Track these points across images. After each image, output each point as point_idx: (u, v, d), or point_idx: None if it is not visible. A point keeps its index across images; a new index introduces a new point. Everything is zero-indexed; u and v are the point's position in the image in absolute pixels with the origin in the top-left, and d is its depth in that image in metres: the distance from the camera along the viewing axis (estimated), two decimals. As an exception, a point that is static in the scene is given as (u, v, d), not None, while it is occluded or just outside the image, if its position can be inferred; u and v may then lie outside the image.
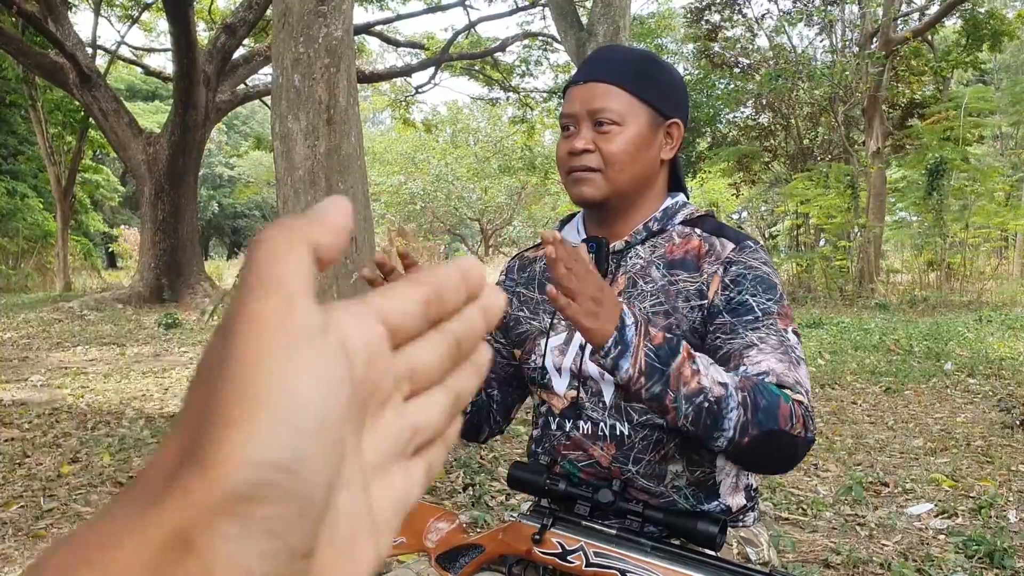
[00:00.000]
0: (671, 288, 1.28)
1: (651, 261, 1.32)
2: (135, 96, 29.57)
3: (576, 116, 1.29)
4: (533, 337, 1.38)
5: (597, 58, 1.33)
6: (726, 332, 1.23)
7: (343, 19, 3.98)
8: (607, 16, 7.37)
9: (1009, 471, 3.63)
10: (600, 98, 1.27)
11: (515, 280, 1.46)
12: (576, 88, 1.31)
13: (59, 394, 5.86)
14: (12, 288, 17.85)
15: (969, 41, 15.47)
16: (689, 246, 1.31)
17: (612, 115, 1.27)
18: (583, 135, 1.28)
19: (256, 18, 13.16)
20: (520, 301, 1.43)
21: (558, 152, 1.34)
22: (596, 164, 1.28)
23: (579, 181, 1.30)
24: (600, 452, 1.28)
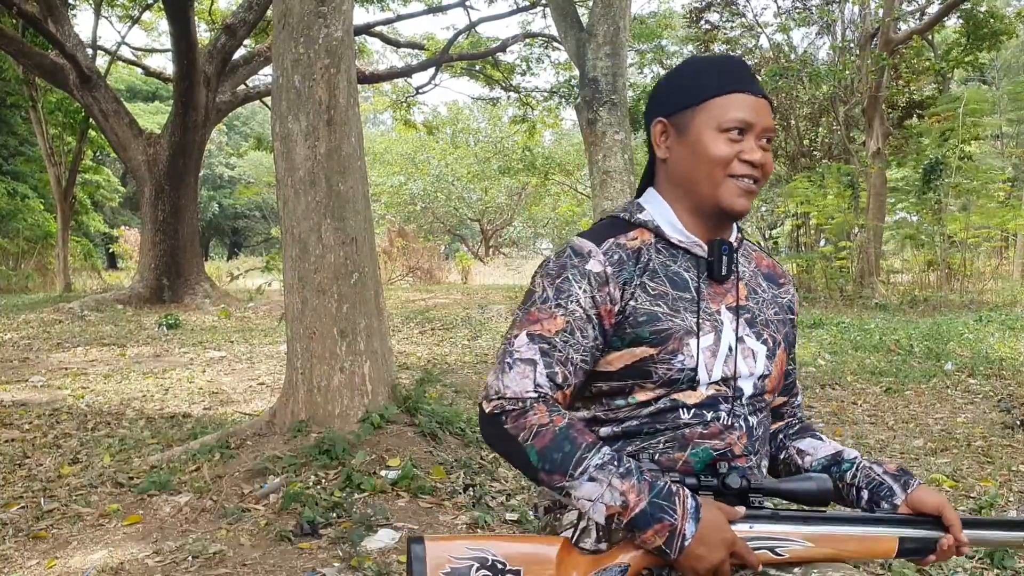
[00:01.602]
0: (778, 300, 1.45)
1: (753, 272, 1.44)
2: (135, 97, 29.58)
3: (753, 125, 1.31)
4: (679, 336, 1.30)
5: (751, 72, 1.35)
6: (792, 363, 1.50)
7: (343, 20, 3.98)
8: (607, 16, 7.37)
9: (1010, 471, 3.63)
10: (768, 116, 1.32)
11: (632, 270, 1.32)
12: (751, 98, 1.31)
13: (59, 395, 5.86)
14: (12, 289, 17.85)
15: (969, 41, 15.46)
16: (766, 262, 1.48)
17: (773, 132, 1.34)
18: (753, 146, 1.31)
19: (256, 19, 13.16)
20: (651, 295, 1.31)
21: (719, 152, 1.30)
22: (759, 176, 1.33)
23: (748, 192, 1.32)
24: (737, 443, 1.33)
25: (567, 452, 1.20)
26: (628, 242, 1.35)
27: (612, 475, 1.19)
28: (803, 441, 1.48)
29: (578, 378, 1.31)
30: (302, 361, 3.90)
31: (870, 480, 1.36)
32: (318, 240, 3.86)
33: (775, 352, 1.39)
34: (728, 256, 1.34)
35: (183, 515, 3.22)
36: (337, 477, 3.40)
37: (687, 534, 1.16)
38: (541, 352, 1.27)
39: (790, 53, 16.99)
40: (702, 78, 1.33)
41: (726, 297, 1.36)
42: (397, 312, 11.29)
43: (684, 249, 1.36)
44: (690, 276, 1.35)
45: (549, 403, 1.26)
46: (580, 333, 1.29)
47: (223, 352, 7.95)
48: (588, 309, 1.29)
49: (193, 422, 4.86)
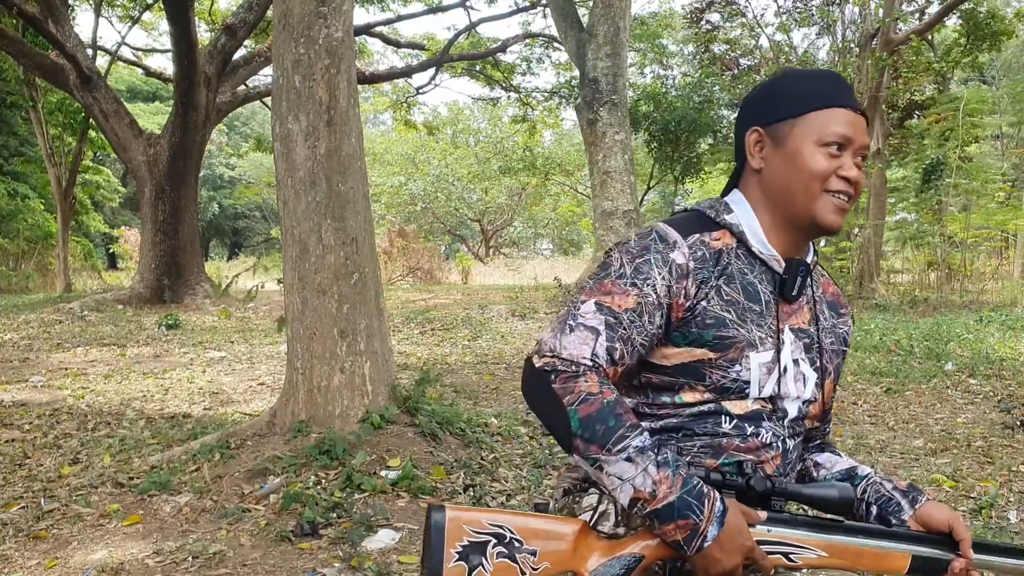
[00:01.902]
0: (836, 330, 1.45)
1: (819, 299, 1.43)
2: (136, 97, 29.58)
3: (852, 142, 1.30)
4: (742, 347, 1.30)
5: (850, 88, 1.34)
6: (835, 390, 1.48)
7: (343, 20, 3.98)
8: (607, 17, 7.38)
9: (1010, 471, 3.63)
10: (865, 134, 1.32)
11: (711, 271, 1.31)
12: (851, 114, 1.30)
13: (60, 395, 5.86)
14: (13, 289, 17.86)
15: (969, 41, 15.45)
16: (832, 289, 1.48)
17: (866, 152, 1.34)
18: (851, 163, 1.30)
19: (256, 19, 13.17)
20: (723, 300, 1.31)
21: (818, 166, 1.29)
22: (855, 194, 1.32)
23: (843, 209, 1.31)
24: (769, 461, 1.34)
25: (610, 427, 1.20)
26: (712, 241, 1.34)
27: (650, 461, 1.18)
28: (821, 455, 1.49)
29: (633, 360, 1.30)
30: (302, 361, 3.90)
31: (879, 495, 1.37)
32: (318, 240, 3.86)
33: (824, 381, 1.39)
34: (803, 277, 1.34)
35: (183, 515, 3.22)
36: (337, 477, 3.40)
37: (708, 536, 1.17)
38: (606, 324, 1.26)
39: (790, 53, 16.99)
40: (802, 90, 1.32)
41: (792, 317, 1.36)
42: (397, 312, 11.29)
43: (762, 260, 1.35)
44: (763, 289, 1.34)
45: (601, 375, 1.25)
46: (648, 317, 1.28)
47: (223, 352, 7.95)
48: (662, 297, 1.28)
49: (193, 422, 4.86)
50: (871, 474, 1.42)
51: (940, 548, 1.26)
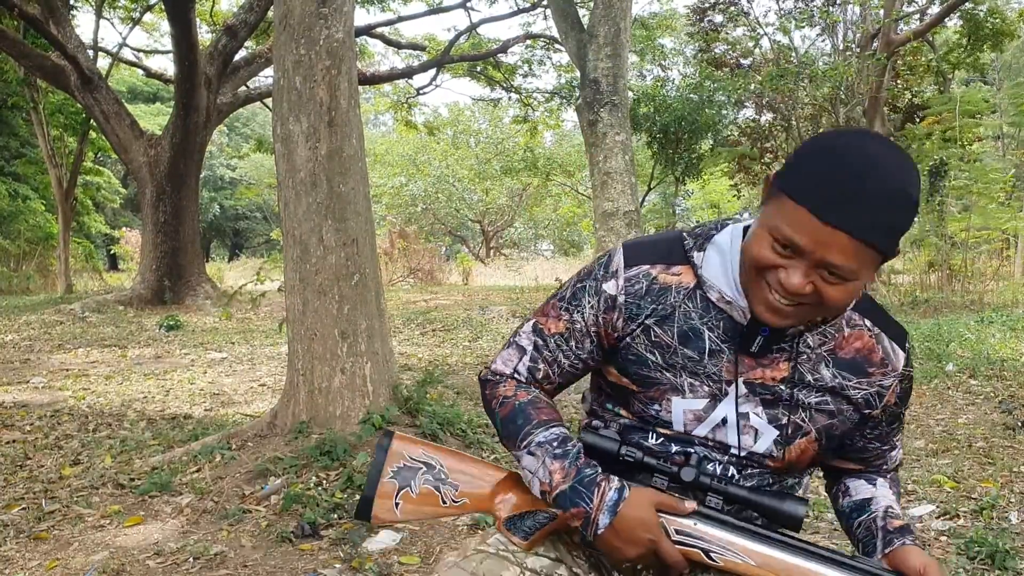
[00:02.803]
0: (841, 391, 1.27)
1: (821, 356, 1.25)
2: (136, 98, 29.60)
3: (803, 252, 1.08)
4: (663, 390, 1.27)
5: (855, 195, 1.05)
6: (880, 440, 1.37)
7: (344, 21, 3.98)
8: (608, 17, 7.38)
9: (1011, 472, 3.63)
10: (839, 254, 1.07)
11: (644, 308, 1.26)
12: (815, 223, 1.06)
13: (60, 396, 5.86)
14: (14, 290, 17.87)
15: (970, 41, 15.46)
16: (859, 344, 1.26)
17: (843, 272, 1.09)
18: (802, 273, 1.10)
19: (257, 20, 13.17)
20: (650, 341, 1.26)
21: (761, 254, 1.12)
22: (807, 301, 1.13)
23: (777, 312, 1.15)
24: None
25: (519, 424, 1.30)
26: (662, 276, 1.26)
27: (548, 454, 1.26)
28: (855, 481, 1.41)
29: (563, 379, 1.37)
30: (303, 362, 3.90)
31: (867, 532, 1.31)
32: (319, 241, 3.86)
33: (795, 439, 1.27)
34: (767, 337, 1.21)
35: (184, 516, 3.22)
36: (338, 478, 3.40)
37: (600, 523, 1.20)
38: (535, 346, 1.35)
39: (790, 53, 16.99)
40: (802, 167, 1.10)
41: (753, 371, 1.24)
42: (398, 313, 11.29)
43: (721, 308, 1.24)
44: (711, 335, 1.24)
45: (520, 383, 1.35)
46: (575, 343, 1.32)
47: (224, 353, 7.95)
48: (590, 325, 1.31)
49: (194, 423, 4.86)
50: (877, 508, 1.33)
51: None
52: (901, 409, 1.35)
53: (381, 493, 1.33)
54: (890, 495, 1.38)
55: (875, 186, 1.05)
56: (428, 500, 1.32)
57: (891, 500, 1.36)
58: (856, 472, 1.42)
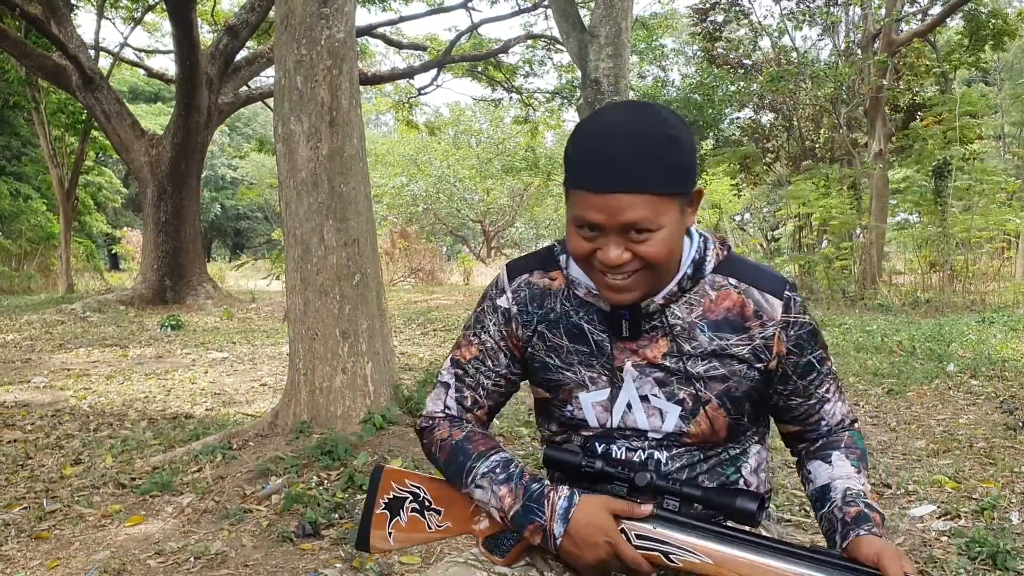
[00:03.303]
0: (723, 352, 1.28)
1: (693, 323, 1.28)
2: (138, 98, 29.62)
3: (602, 226, 1.16)
4: (569, 388, 1.34)
5: (607, 156, 1.13)
6: (800, 395, 1.36)
7: (345, 21, 3.98)
8: (609, 17, 7.38)
9: (1012, 472, 3.62)
10: (627, 211, 1.13)
11: (532, 314, 1.34)
12: (593, 197, 1.14)
13: (62, 396, 5.87)
14: (15, 290, 17.88)
15: (972, 41, 15.44)
16: (728, 303, 1.29)
17: (646, 224, 1.14)
18: (614, 245, 1.16)
19: (258, 20, 13.19)
20: (546, 344, 1.34)
21: (576, 247, 1.20)
22: (634, 268, 1.19)
23: (618, 290, 1.21)
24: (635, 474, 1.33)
25: (460, 462, 1.33)
26: (540, 281, 1.35)
27: (494, 482, 1.29)
28: (813, 463, 1.37)
29: (492, 400, 1.42)
30: (304, 362, 3.90)
31: (829, 525, 1.28)
32: (320, 241, 3.86)
33: (698, 410, 1.29)
34: (631, 320, 1.26)
35: (185, 516, 3.22)
36: (339, 478, 3.40)
37: (556, 533, 1.22)
38: (455, 377, 1.41)
39: (791, 52, 16.98)
40: (569, 159, 1.20)
41: (637, 354, 1.29)
42: (399, 313, 11.30)
43: (591, 303, 1.30)
44: (593, 329, 1.31)
45: (453, 421, 1.40)
46: (492, 361, 1.39)
47: (225, 353, 7.96)
48: (498, 340, 1.38)
49: (195, 423, 4.86)
50: (835, 499, 1.29)
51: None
52: (808, 358, 1.32)
53: (376, 524, 1.42)
54: (847, 470, 1.33)
55: (623, 140, 1.13)
56: (416, 527, 1.40)
57: (848, 480, 1.32)
58: (809, 442, 1.40)
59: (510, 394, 1.45)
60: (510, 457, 1.32)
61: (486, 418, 1.43)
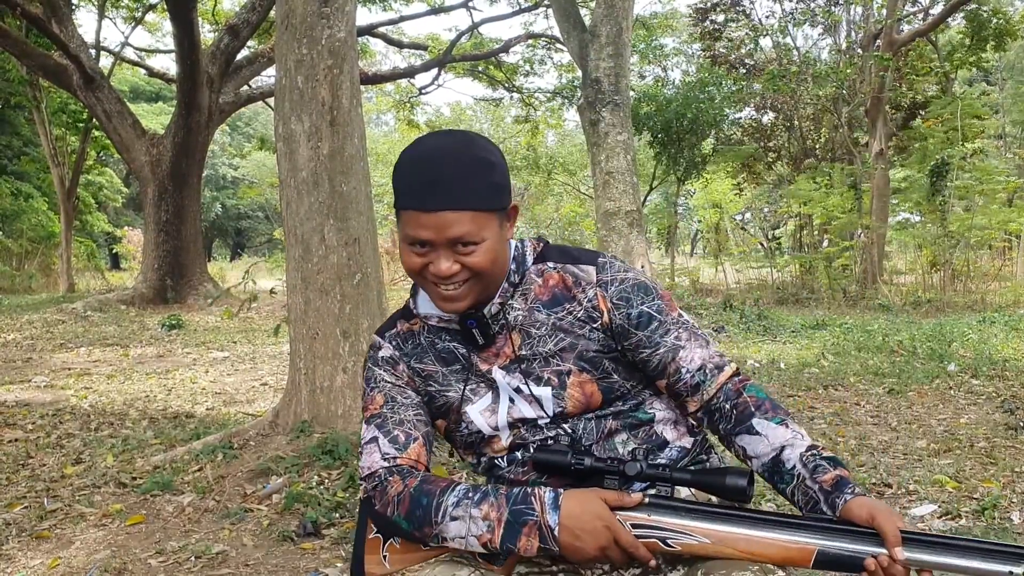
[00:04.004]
0: (562, 323, 1.39)
1: (530, 308, 1.40)
2: (139, 97, 29.62)
3: (431, 242, 1.28)
4: (455, 407, 1.42)
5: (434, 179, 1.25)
6: (646, 346, 1.39)
7: (346, 20, 3.98)
8: (610, 17, 7.38)
9: (1013, 472, 3.62)
10: (453, 227, 1.25)
11: (408, 354, 1.46)
12: (422, 216, 1.25)
13: (63, 395, 5.87)
14: (16, 289, 17.88)
15: (973, 41, 15.44)
16: (552, 282, 1.42)
17: (470, 237, 1.27)
18: (444, 258, 1.28)
19: (259, 19, 13.19)
20: (423, 376, 1.44)
21: (408, 262, 1.32)
22: (463, 277, 1.30)
23: (451, 299, 1.32)
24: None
25: (425, 505, 1.30)
26: (404, 328, 1.47)
27: (469, 506, 1.27)
28: (741, 438, 1.34)
29: (421, 430, 1.43)
30: (305, 361, 3.90)
31: (806, 499, 1.26)
32: (321, 241, 3.86)
33: (565, 383, 1.38)
34: (480, 327, 1.37)
35: (186, 515, 3.22)
36: (340, 477, 3.41)
37: (552, 524, 1.21)
38: (377, 426, 1.41)
39: (792, 53, 16.98)
40: (397, 183, 1.30)
41: (498, 357, 1.40)
42: (400, 313, 11.28)
43: (444, 327, 1.43)
44: (456, 347, 1.42)
45: (402, 471, 1.36)
46: (400, 396, 1.44)
47: (226, 352, 7.96)
48: (394, 382, 1.45)
49: (196, 422, 4.87)
50: (797, 469, 1.27)
51: (865, 543, 1.14)
52: (640, 308, 1.38)
53: (369, 549, 1.41)
54: (782, 434, 1.31)
55: (447, 163, 1.26)
56: (410, 548, 1.38)
57: (792, 444, 1.30)
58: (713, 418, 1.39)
59: (433, 425, 1.49)
60: (476, 484, 1.34)
61: (424, 450, 1.42)
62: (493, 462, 1.44)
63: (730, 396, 1.38)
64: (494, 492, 1.27)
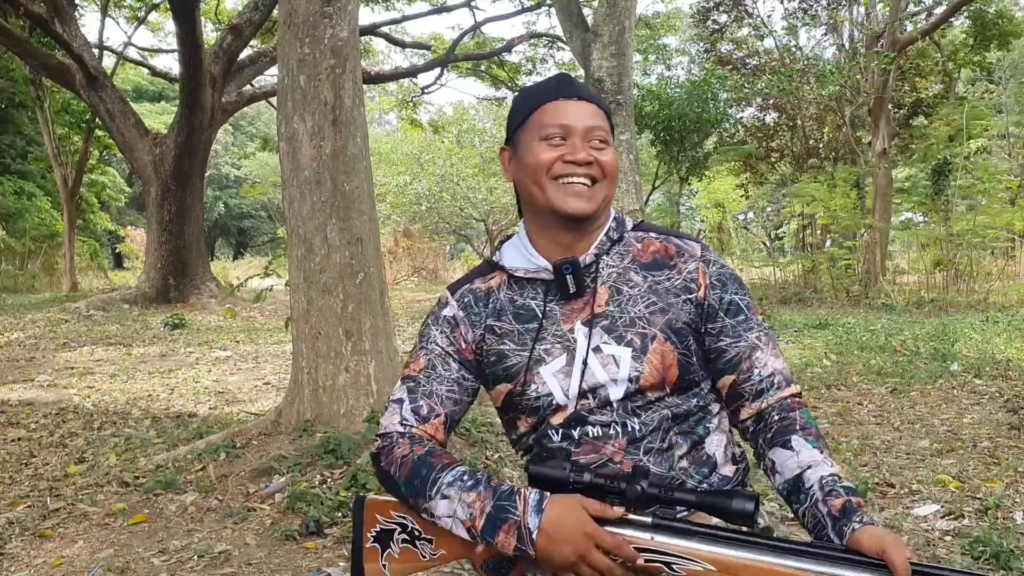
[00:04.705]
0: (658, 287, 1.40)
1: (626, 267, 1.42)
2: (142, 97, 29.66)
3: (571, 128, 1.35)
4: (528, 368, 1.39)
5: (569, 80, 1.41)
6: (729, 335, 1.40)
7: (349, 20, 3.98)
8: (612, 16, 7.37)
9: (1016, 472, 3.62)
10: (592, 117, 1.37)
11: (480, 313, 1.45)
12: (567, 103, 1.37)
13: (66, 394, 5.88)
14: (19, 288, 17.91)
15: (977, 41, 15.40)
16: (653, 248, 1.44)
17: (603, 134, 1.37)
18: (580, 147, 1.35)
19: (262, 19, 13.19)
20: (498, 335, 1.42)
21: (541, 157, 1.35)
22: (594, 175, 1.36)
23: (577, 193, 1.35)
24: (613, 449, 1.35)
25: (423, 476, 1.31)
26: (483, 284, 1.47)
27: (461, 490, 1.27)
28: (775, 451, 1.34)
29: (447, 408, 1.43)
30: (308, 361, 3.90)
31: (815, 522, 1.24)
32: (323, 240, 3.86)
33: (647, 347, 1.35)
34: (574, 274, 1.37)
35: (188, 514, 3.23)
36: (342, 477, 3.41)
37: (531, 527, 1.19)
38: (407, 390, 1.43)
39: (795, 53, 16.95)
40: (526, 98, 1.41)
41: (583, 311, 1.39)
42: (402, 312, 11.30)
43: (532, 279, 1.42)
44: (537, 304, 1.41)
45: (414, 438, 1.38)
46: (441, 367, 1.43)
47: (229, 352, 7.97)
48: (445, 347, 1.44)
49: (199, 422, 4.87)
50: (813, 488, 1.26)
51: (870, 572, 1.10)
52: (732, 296, 1.41)
53: (367, 558, 1.38)
54: (813, 456, 1.30)
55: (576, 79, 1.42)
56: (410, 558, 1.35)
57: (819, 466, 1.29)
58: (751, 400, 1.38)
59: (466, 404, 1.46)
60: (476, 468, 1.35)
61: (443, 428, 1.42)
62: (547, 433, 1.39)
63: (783, 410, 1.37)
64: (486, 481, 1.27)
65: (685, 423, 1.38)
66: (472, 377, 1.45)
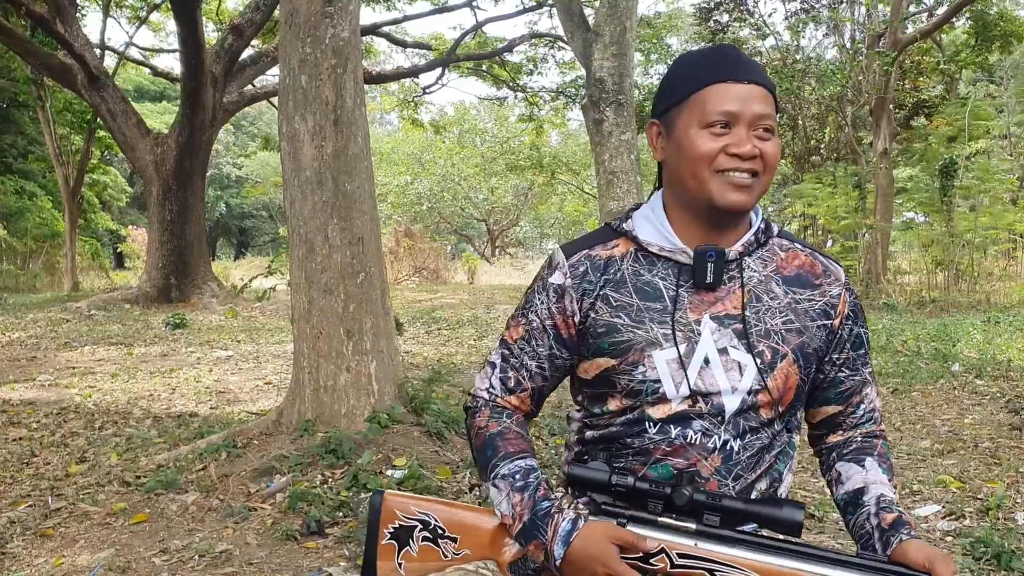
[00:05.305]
0: (798, 306, 1.32)
1: (768, 276, 1.33)
2: (143, 97, 29.66)
3: (739, 116, 1.23)
4: (640, 348, 1.28)
5: (736, 56, 1.27)
6: (849, 368, 1.37)
7: (350, 20, 3.99)
8: (613, 16, 7.37)
9: (1017, 473, 3.62)
10: (761, 103, 1.24)
11: (594, 282, 1.33)
12: (737, 87, 1.24)
13: (67, 394, 5.88)
14: (20, 288, 17.92)
15: (978, 42, 15.39)
16: (799, 262, 1.36)
17: (770, 122, 1.25)
18: (746, 138, 1.23)
19: (263, 19, 13.19)
20: (612, 306, 1.30)
21: (701, 148, 1.23)
22: (757, 168, 1.25)
23: (741, 187, 1.24)
24: (705, 463, 1.27)
25: (487, 456, 1.32)
26: (603, 252, 1.35)
27: (511, 487, 1.28)
28: (845, 464, 1.36)
29: (536, 383, 1.39)
30: (309, 360, 3.91)
31: (864, 532, 1.26)
32: (325, 240, 3.87)
33: (776, 364, 1.28)
34: (715, 263, 1.27)
35: (190, 514, 3.23)
36: (343, 476, 3.41)
37: (556, 555, 1.20)
38: (502, 357, 1.40)
39: (796, 53, 16.95)
40: (685, 72, 1.29)
41: (715, 305, 1.29)
42: (403, 312, 11.30)
43: (666, 257, 1.31)
44: (667, 284, 1.30)
45: (495, 408, 1.38)
46: (536, 341, 1.37)
47: (230, 351, 7.97)
48: (544, 320, 1.36)
49: (200, 421, 4.87)
50: (868, 502, 1.29)
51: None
52: (859, 330, 1.37)
53: (382, 555, 1.33)
54: (881, 477, 1.33)
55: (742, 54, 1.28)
56: (430, 556, 1.31)
57: (882, 486, 1.31)
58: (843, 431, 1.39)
59: (557, 379, 1.41)
60: (534, 466, 1.31)
61: (531, 400, 1.40)
62: (642, 417, 1.29)
63: (867, 437, 1.39)
64: (534, 488, 1.27)
65: (772, 455, 1.32)
66: (567, 354, 1.36)
